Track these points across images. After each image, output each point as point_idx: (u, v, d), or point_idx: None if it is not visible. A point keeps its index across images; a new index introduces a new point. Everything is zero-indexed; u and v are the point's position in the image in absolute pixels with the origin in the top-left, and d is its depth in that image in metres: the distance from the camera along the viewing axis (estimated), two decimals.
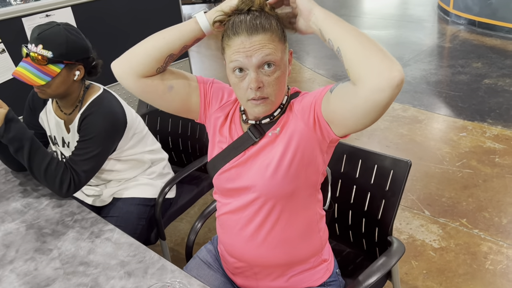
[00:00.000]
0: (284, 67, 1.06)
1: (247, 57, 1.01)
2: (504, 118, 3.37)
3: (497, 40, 5.04)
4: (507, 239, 2.23)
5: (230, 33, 1.04)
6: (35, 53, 1.44)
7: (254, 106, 1.07)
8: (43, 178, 1.45)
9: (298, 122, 1.10)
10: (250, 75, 1.03)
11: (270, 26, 1.03)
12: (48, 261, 1.25)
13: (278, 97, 1.08)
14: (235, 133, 1.19)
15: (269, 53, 1.01)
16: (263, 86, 1.04)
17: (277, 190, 1.12)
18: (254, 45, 1.01)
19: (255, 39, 1.01)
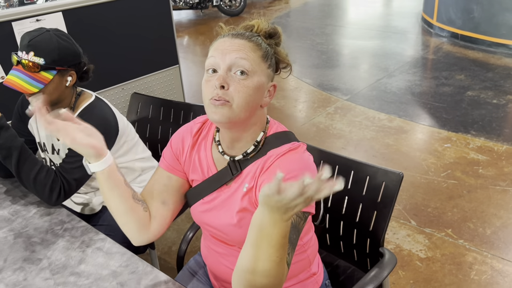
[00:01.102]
0: (259, 83, 1.01)
1: (222, 55, 1.00)
2: (487, 130, 3.44)
3: (479, 53, 5.16)
4: (491, 250, 2.27)
5: (218, 36, 1.06)
6: (26, 60, 1.42)
7: (213, 107, 0.99)
8: (32, 186, 1.43)
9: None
10: (219, 73, 1.00)
11: (257, 41, 1.03)
12: (37, 271, 1.22)
13: (241, 109, 0.99)
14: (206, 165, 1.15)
15: (244, 57, 0.99)
16: (228, 88, 0.98)
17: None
18: (233, 46, 1.00)
19: (236, 41, 1.01)
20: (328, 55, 5.56)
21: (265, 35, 1.07)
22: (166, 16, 2.50)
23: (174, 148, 1.20)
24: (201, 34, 6.98)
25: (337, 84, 4.61)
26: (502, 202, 2.61)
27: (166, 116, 2.06)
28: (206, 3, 8.00)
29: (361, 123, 3.70)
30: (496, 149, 3.17)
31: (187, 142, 1.18)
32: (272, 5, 9.01)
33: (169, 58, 2.60)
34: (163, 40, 2.53)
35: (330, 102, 4.17)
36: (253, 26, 1.07)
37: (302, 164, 1.02)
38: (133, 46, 2.40)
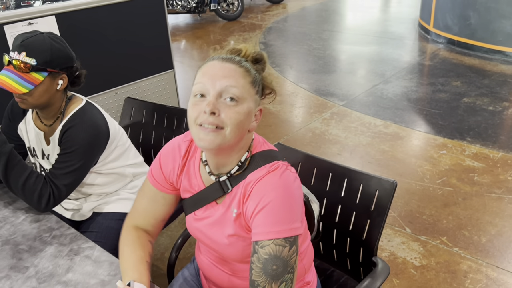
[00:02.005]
0: (248, 109, 1.00)
1: (212, 81, 0.97)
2: (483, 137, 3.43)
3: (475, 60, 5.16)
4: (486, 258, 2.25)
5: (207, 60, 1.03)
6: (18, 60, 1.40)
7: (202, 133, 0.97)
8: (21, 192, 1.41)
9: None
10: (209, 99, 0.97)
11: (247, 66, 1.01)
12: (24, 279, 1.20)
13: (233, 135, 0.99)
14: (196, 184, 1.14)
15: (235, 85, 0.97)
16: (219, 114, 0.96)
17: (238, 254, 1.10)
18: (224, 71, 0.98)
19: (226, 66, 0.99)
20: (325, 61, 5.55)
21: (252, 60, 1.05)
22: (161, 20, 2.49)
23: (164, 169, 1.19)
24: (198, 38, 6.97)
25: (334, 89, 4.60)
26: (498, 210, 2.60)
27: (160, 121, 2.04)
28: (204, 7, 8.00)
29: (357, 129, 3.69)
30: (492, 156, 3.16)
31: (176, 164, 1.17)
32: (270, 10, 9.02)
33: (163, 62, 2.58)
34: (157, 44, 2.52)
35: (326, 108, 4.16)
36: (241, 51, 1.05)
37: (278, 186, 0.99)
38: (127, 50, 2.39)
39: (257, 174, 1.03)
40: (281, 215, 0.97)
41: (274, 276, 0.95)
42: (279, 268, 0.95)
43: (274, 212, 0.97)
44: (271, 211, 0.97)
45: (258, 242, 0.97)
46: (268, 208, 0.97)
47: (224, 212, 1.09)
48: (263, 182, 1.01)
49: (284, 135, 3.67)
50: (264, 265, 0.95)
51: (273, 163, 1.04)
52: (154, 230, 1.25)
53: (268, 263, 0.95)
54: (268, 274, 0.95)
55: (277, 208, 0.97)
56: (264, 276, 0.95)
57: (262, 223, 0.97)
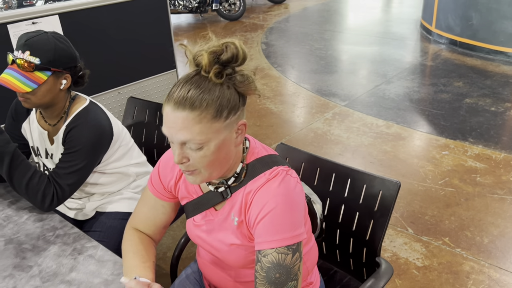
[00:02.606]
0: (219, 144, 0.95)
1: (170, 133, 0.94)
2: (485, 137, 3.43)
3: (477, 61, 5.16)
4: (489, 259, 2.25)
5: (167, 96, 0.95)
6: (21, 59, 1.40)
7: (184, 173, 1.00)
8: (25, 192, 1.41)
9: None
10: (175, 149, 0.95)
11: (202, 103, 0.91)
12: (27, 278, 1.20)
13: (210, 171, 0.98)
14: (194, 192, 1.15)
15: (190, 139, 0.92)
16: (188, 161, 0.96)
17: (240, 261, 1.09)
18: (177, 122, 0.92)
19: (178, 115, 0.91)
20: (327, 61, 5.55)
21: (218, 70, 0.93)
22: (164, 20, 2.49)
23: (162, 178, 1.19)
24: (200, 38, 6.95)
25: (336, 89, 4.60)
26: (500, 211, 2.60)
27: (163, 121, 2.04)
28: (206, 7, 8.00)
29: (359, 129, 3.69)
30: (494, 157, 3.16)
31: (174, 173, 1.17)
32: (271, 10, 9.02)
33: (166, 62, 2.58)
34: (160, 44, 2.52)
35: (328, 108, 4.16)
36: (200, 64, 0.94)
37: (278, 194, 0.98)
38: (130, 50, 2.39)
39: (257, 183, 1.01)
40: (283, 223, 0.96)
41: (278, 284, 0.95)
42: (283, 276, 0.95)
43: (276, 220, 0.96)
44: (272, 219, 0.96)
45: (261, 251, 0.97)
46: (269, 217, 0.96)
47: (223, 219, 1.08)
48: (264, 191, 0.99)
49: (285, 135, 3.67)
50: (267, 273, 0.95)
51: (273, 169, 1.02)
52: (155, 236, 1.26)
53: (271, 272, 0.95)
54: (272, 282, 0.95)
55: (279, 217, 0.96)
56: (268, 285, 0.95)
57: (264, 232, 0.97)
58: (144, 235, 1.23)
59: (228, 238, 1.07)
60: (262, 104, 4.32)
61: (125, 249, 1.19)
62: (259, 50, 6.13)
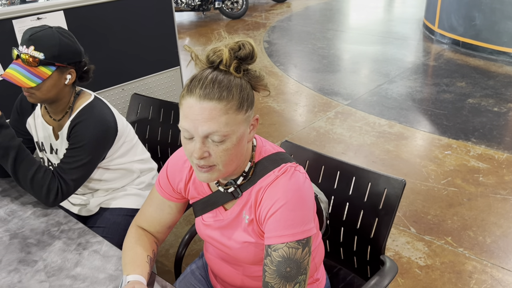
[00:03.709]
0: (239, 137, 0.96)
1: (194, 126, 0.92)
2: (488, 138, 3.43)
3: (480, 61, 5.15)
4: (491, 259, 2.25)
5: (186, 90, 0.94)
6: (26, 54, 1.40)
7: (199, 172, 0.98)
8: (29, 186, 1.41)
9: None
10: (195, 143, 0.94)
11: (228, 94, 0.92)
12: (33, 273, 1.20)
13: (228, 167, 0.98)
14: (203, 192, 1.15)
15: (217, 130, 0.91)
16: (209, 156, 0.95)
17: (251, 258, 1.09)
18: (203, 113, 0.91)
19: (205, 106, 0.91)
20: (329, 60, 5.55)
21: (236, 65, 0.95)
22: (168, 17, 2.49)
23: (171, 179, 1.19)
24: (203, 36, 6.97)
25: (338, 88, 4.60)
26: (503, 211, 2.59)
27: (166, 118, 2.04)
28: (208, 6, 8.00)
29: (362, 129, 3.69)
30: (497, 157, 3.16)
31: (184, 175, 1.17)
32: (274, 9, 9.01)
33: (170, 59, 2.58)
34: (164, 41, 2.52)
35: (331, 107, 4.16)
36: (221, 60, 0.94)
37: (289, 189, 0.99)
38: (134, 46, 2.39)
39: (267, 180, 1.02)
40: (293, 218, 0.97)
41: (288, 278, 0.96)
42: (293, 270, 0.96)
43: (286, 215, 0.97)
44: (283, 215, 0.97)
45: (271, 246, 0.98)
46: (280, 212, 0.97)
47: (234, 218, 1.08)
48: (274, 187, 1.00)
49: (288, 133, 3.67)
50: (278, 267, 0.96)
51: (281, 166, 1.03)
52: (160, 236, 1.25)
53: (282, 266, 0.96)
54: (282, 276, 0.96)
55: (289, 212, 0.97)
56: (278, 278, 0.96)
57: (274, 227, 0.98)
58: (144, 232, 1.23)
59: (240, 236, 1.07)
60: (265, 102, 4.32)
61: (124, 246, 1.20)
62: (261, 48, 6.13)
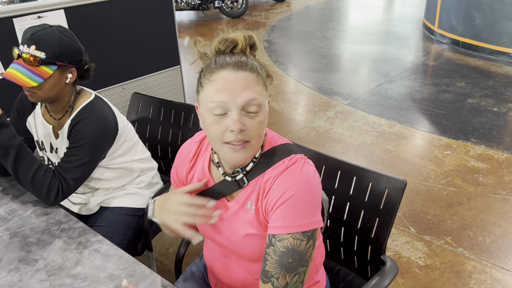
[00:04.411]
0: (265, 113, 0.98)
1: (232, 96, 0.91)
2: (487, 138, 3.43)
3: (480, 61, 5.16)
4: (491, 259, 2.25)
5: (213, 68, 0.94)
6: (27, 53, 1.40)
7: (232, 151, 0.96)
8: (30, 185, 1.41)
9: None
10: (232, 116, 0.92)
11: (257, 68, 0.96)
12: (33, 272, 1.20)
13: (258, 144, 0.99)
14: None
15: (255, 97, 0.93)
16: (246, 129, 0.94)
17: (255, 252, 1.08)
18: (240, 83, 0.92)
19: (241, 76, 0.92)
20: (329, 59, 5.55)
21: (250, 50, 0.99)
22: (169, 16, 2.48)
23: (179, 171, 1.20)
24: (202, 35, 6.97)
25: (338, 88, 4.60)
26: (502, 211, 2.60)
27: (167, 117, 2.04)
28: (208, 5, 8.00)
29: (361, 128, 3.69)
30: (497, 157, 3.16)
31: (186, 167, 1.17)
32: (274, 8, 9.01)
33: (170, 58, 2.58)
34: (165, 40, 2.52)
35: (331, 106, 4.16)
36: (236, 43, 0.97)
37: (299, 180, 0.99)
38: (134, 45, 2.39)
39: (276, 170, 1.01)
40: (302, 209, 0.97)
41: (289, 269, 0.96)
42: (295, 261, 0.96)
43: (295, 206, 0.97)
44: (292, 205, 0.97)
45: (276, 236, 0.97)
46: (289, 202, 0.97)
47: (238, 210, 1.07)
48: (284, 177, 1.00)
49: (288, 133, 3.67)
50: (280, 257, 0.96)
51: (291, 157, 1.03)
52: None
53: (285, 256, 0.96)
54: (283, 266, 0.96)
55: (298, 203, 0.97)
56: (279, 268, 0.96)
57: (282, 217, 0.97)
58: None
59: (243, 228, 1.06)
60: None
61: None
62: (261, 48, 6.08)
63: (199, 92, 0.98)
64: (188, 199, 1.03)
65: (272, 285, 0.97)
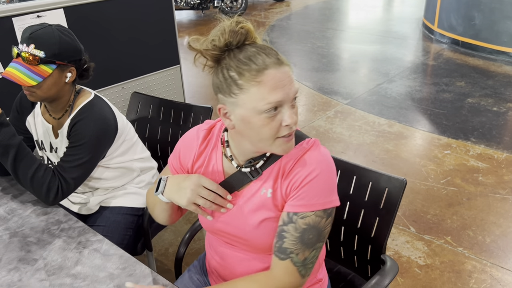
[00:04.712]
0: None
1: (286, 92, 0.93)
2: (487, 137, 3.43)
3: (479, 60, 5.16)
4: (491, 258, 2.25)
5: (253, 68, 0.92)
6: (26, 52, 1.40)
7: (285, 144, 0.98)
8: (30, 185, 1.40)
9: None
10: (286, 111, 0.94)
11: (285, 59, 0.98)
12: (33, 271, 1.20)
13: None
14: (218, 176, 1.12)
15: (296, 90, 0.96)
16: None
17: (269, 240, 1.07)
18: (286, 77, 0.94)
19: (284, 70, 0.94)
20: (329, 59, 5.55)
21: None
22: (168, 15, 2.48)
23: (182, 160, 1.16)
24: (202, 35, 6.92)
25: (337, 88, 4.60)
26: (502, 211, 2.60)
27: (166, 116, 2.04)
28: (207, 4, 8.00)
29: (361, 128, 3.69)
30: (496, 157, 3.16)
31: (193, 152, 1.15)
32: (273, 8, 9.01)
33: (170, 58, 2.58)
34: (164, 39, 2.51)
35: (330, 106, 4.16)
36: (248, 32, 0.98)
37: (322, 161, 1.03)
38: (134, 45, 2.38)
39: (294, 154, 1.03)
40: (324, 188, 1.01)
41: (308, 245, 1.00)
42: (314, 237, 1.01)
43: (319, 185, 1.00)
44: (317, 184, 1.00)
45: (298, 213, 1.00)
46: (315, 181, 1.00)
47: (250, 198, 1.06)
48: (307, 158, 1.02)
49: None
50: (302, 234, 1.00)
51: (307, 140, 1.06)
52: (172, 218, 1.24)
53: (306, 233, 1.00)
54: (304, 242, 1.00)
55: (322, 182, 1.01)
56: (299, 244, 1.00)
57: (306, 196, 1.00)
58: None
59: (257, 215, 1.05)
60: None
61: (148, 193, 1.27)
62: None
63: (236, 95, 0.94)
64: (211, 185, 1.05)
65: (291, 261, 1.00)
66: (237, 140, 1.05)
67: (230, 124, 1.00)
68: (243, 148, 1.05)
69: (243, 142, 1.03)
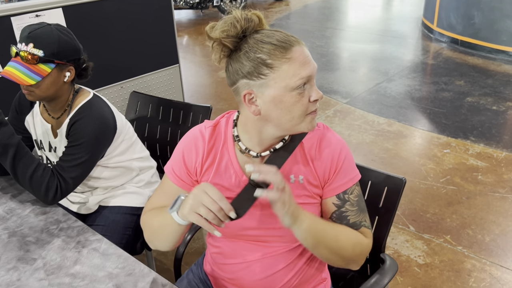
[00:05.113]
0: None
1: (312, 68, 0.97)
2: (486, 136, 3.43)
3: (479, 60, 5.16)
4: (490, 257, 2.25)
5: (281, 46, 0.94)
6: (25, 51, 1.39)
7: (313, 120, 1.01)
8: (28, 184, 1.40)
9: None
10: (312, 86, 0.99)
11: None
12: (32, 271, 1.19)
13: None
14: (234, 173, 1.08)
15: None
16: None
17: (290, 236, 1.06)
18: (308, 55, 0.98)
19: (304, 48, 0.98)
20: (328, 58, 5.55)
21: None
22: (167, 14, 2.48)
23: (187, 162, 1.11)
24: (201, 34, 6.96)
25: (337, 87, 4.60)
26: (501, 209, 2.60)
27: (165, 116, 2.04)
28: (207, 3, 7.99)
29: (360, 127, 3.69)
30: (496, 155, 3.16)
31: (200, 152, 1.10)
32: (273, 7, 9.00)
33: (169, 57, 2.57)
34: (163, 38, 2.51)
35: (330, 105, 4.16)
36: (262, 18, 1.01)
37: (339, 139, 1.12)
38: (133, 44, 2.38)
39: (312, 137, 1.09)
40: (352, 161, 1.12)
41: (363, 210, 1.12)
42: (363, 202, 1.13)
43: (350, 161, 1.10)
44: (349, 162, 1.10)
45: (347, 190, 1.09)
46: (347, 159, 1.09)
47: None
48: (329, 140, 1.09)
49: None
50: (359, 204, 1.10)
51: (318, 124, 1.10)
52: None
53: (360, 202, 1.11)
54: (362, 210, 1.11)
55: (350, 156, 1.11)
56: (361, 214, 1.11)
57: (346, 174, 1.09)
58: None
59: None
60: None
61: (153, 214, 1.12)
62: None
63: (266, 75, 0.94)
64: (215, 194, 0.91)
65: (365, 226, 1.11)
66: (257, 129, 1.03)
67: (256, 110, 0.99)
68: (263, 136, 1.04)
69: (266, 128, 1.02)
